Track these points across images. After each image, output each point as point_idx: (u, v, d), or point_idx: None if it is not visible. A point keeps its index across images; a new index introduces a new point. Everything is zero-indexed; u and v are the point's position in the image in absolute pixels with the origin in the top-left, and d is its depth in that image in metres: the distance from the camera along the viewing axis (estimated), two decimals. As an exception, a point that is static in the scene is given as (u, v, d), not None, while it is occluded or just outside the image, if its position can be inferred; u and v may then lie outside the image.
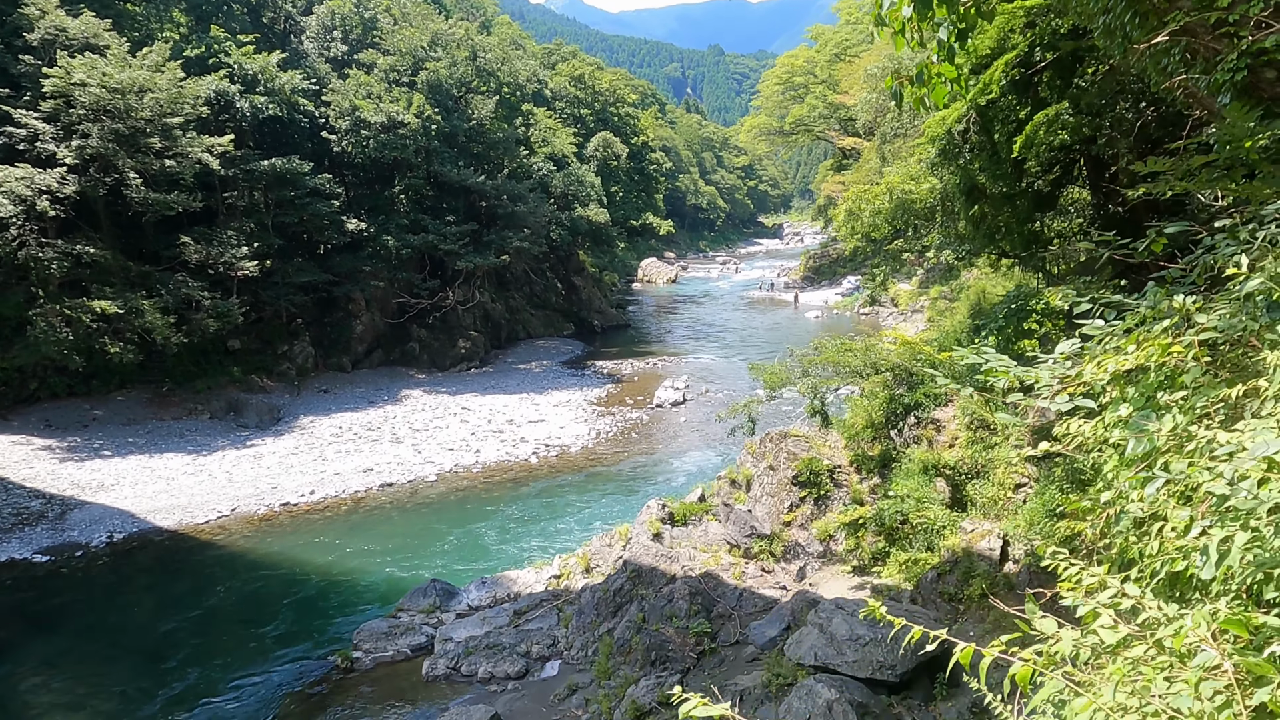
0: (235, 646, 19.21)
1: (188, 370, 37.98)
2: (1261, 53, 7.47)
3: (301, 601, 21.47)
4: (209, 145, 35.85)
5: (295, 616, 20.73)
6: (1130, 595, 2.30)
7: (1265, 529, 2.13)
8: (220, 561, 23.73)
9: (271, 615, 20.72)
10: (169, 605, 21.30)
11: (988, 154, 18.38)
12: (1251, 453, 2.35)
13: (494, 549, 24.39)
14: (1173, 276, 4.26)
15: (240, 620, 20.55)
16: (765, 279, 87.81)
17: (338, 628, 20.07)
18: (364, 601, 21.42)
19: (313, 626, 20.27)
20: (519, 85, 50.45)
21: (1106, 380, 3.34)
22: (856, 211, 27.28)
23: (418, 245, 44.20)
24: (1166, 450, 2.97)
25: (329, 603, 21.45)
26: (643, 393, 42.03)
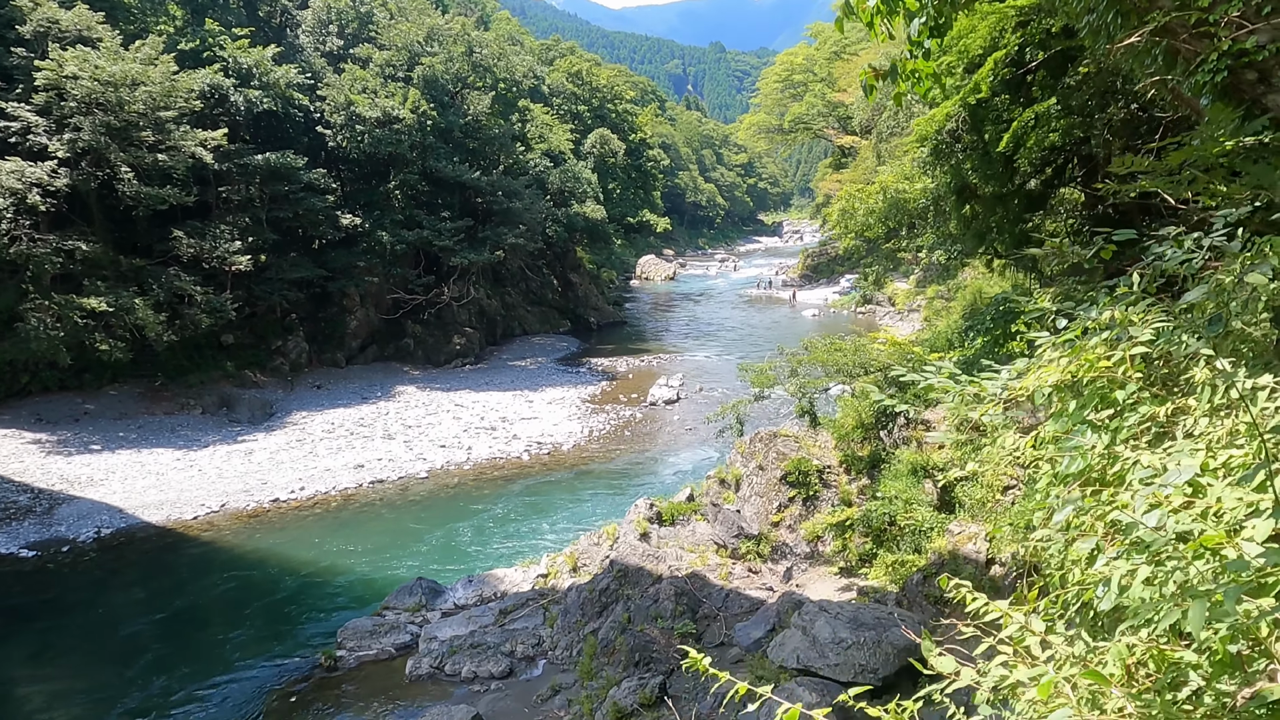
0: (220, 643, 19.11)
1: (181, 365, 37.86)
2: (1242, 54, 7.35)
3: (288, 598, 21.38)
4: (202, 139, 35.72)
5: (281, 614, 20.63)
6: (1034, 631, 2.20)
7: (1171, 561, 2.02)
8: (207, 558, 23.63)
9: (257, 612, 20.63)
10: (155, 601, 21.21)
11: (979, 154, 18.26)
12: (1166, 479, 2.23)
13: (482, 547, 24.30)
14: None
15: (226, 617, 20.46)
16: (763, 277, 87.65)
17: (323, 625, 19.98)
18: (350, 599, 21.32)
19: (298, 624, 20.18)
20: (515, 81, 50.26)
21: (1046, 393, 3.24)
22: (850, 210, 27.20)
23: (412, 241, 44.07)
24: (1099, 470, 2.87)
25: (315, 600, 21.35)
26: (637, 390, 41.92)
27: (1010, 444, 3.44)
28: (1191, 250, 3.49)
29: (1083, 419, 2.95)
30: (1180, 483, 2.20)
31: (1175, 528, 2.08)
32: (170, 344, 35.61)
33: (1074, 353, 3.22)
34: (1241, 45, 7.43)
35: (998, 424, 14.66)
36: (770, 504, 20.72)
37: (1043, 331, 4.14)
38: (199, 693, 17.08)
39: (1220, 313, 3.06)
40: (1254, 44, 7.44)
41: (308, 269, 41.99)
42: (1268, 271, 2.93)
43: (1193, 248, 3.53)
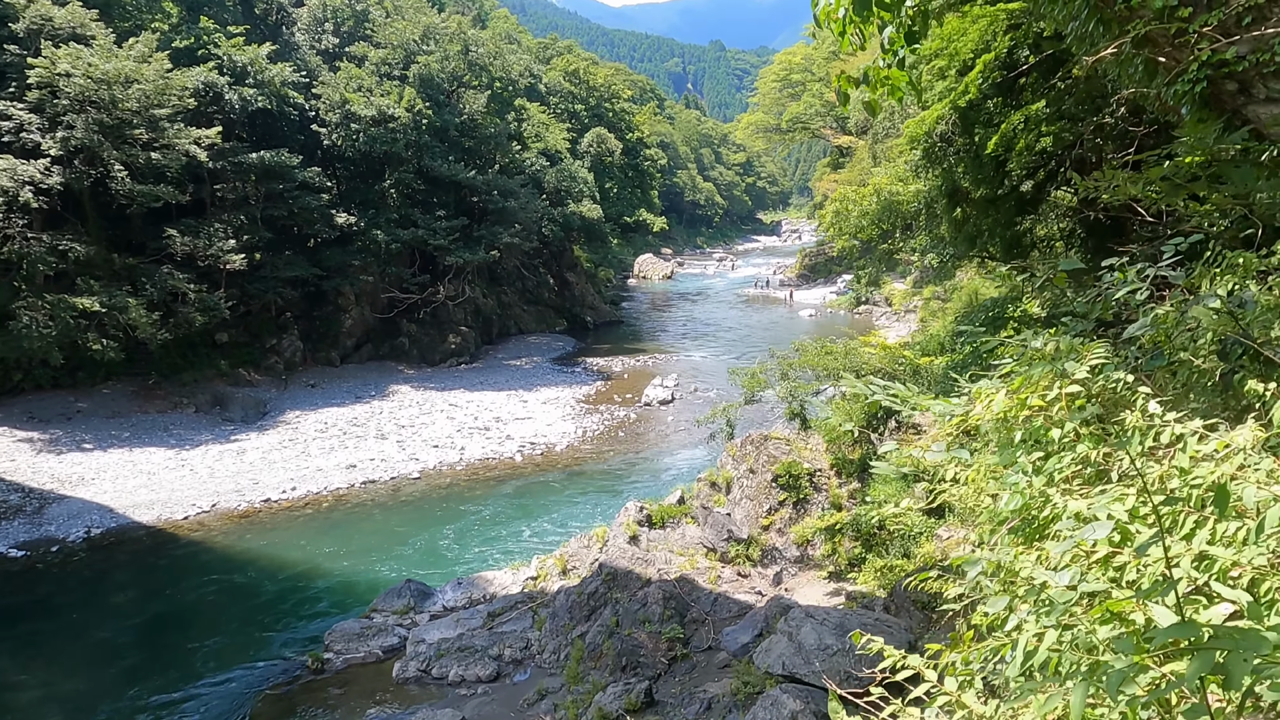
0: (208, 645, 19.03)
1: (174, 363, 37.77)
2: (1222, 64, 7.29)
3: (276, 600, 21.31)
4: (196, 137, 35.63)
5: (270, 616, 20.57)
6: (947, 692, 2.13)
7: (1082, 622, 1.96)
8: (197, 558, 23.57)
9: (246, 614, 20.56)
10: (143, 602, 21.15)
11: (970, 157, 18.19)
12: (1085, 533, 2.16)
13: (473, 549, 24.23)
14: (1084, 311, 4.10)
15: (214, 619, 20.39)
16: (761, 277, 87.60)
17: (311, 627, 19.91)
18: (339, 601, 21.25)
19: (287, 626, 20.12)
20: (511, 80, 50.14)
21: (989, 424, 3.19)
22: (844, 212, 27.13)
23: (407, 240, 43.99)
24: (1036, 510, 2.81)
25: (304, 602, 21.29)
26: (632, 390, 41.85)
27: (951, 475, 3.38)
28: (1136, 281, 3.43)
29: (1014, 460, 2.90)
30: (1100, 537, 2.13)
31: (1086, 587, 2.01)
32: (164, 342, 35.52)
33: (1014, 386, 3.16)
34: (1221, 56, 7.37)
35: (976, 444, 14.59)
36: (760, 507, 20.64)
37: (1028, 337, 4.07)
38: (184, 695, 17.01)
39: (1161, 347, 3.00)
40: (1234, 55, 7.39)
41: (302, 267, 41.91)
42: (1213, 304, 2.87)
43: (1136, 279, 3.47)
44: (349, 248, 43.36)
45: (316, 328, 44.60)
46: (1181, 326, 3.04)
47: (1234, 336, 2.90)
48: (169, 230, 36.00)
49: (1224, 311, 3.00)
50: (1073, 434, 3.06)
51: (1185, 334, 3.01)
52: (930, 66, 18.40)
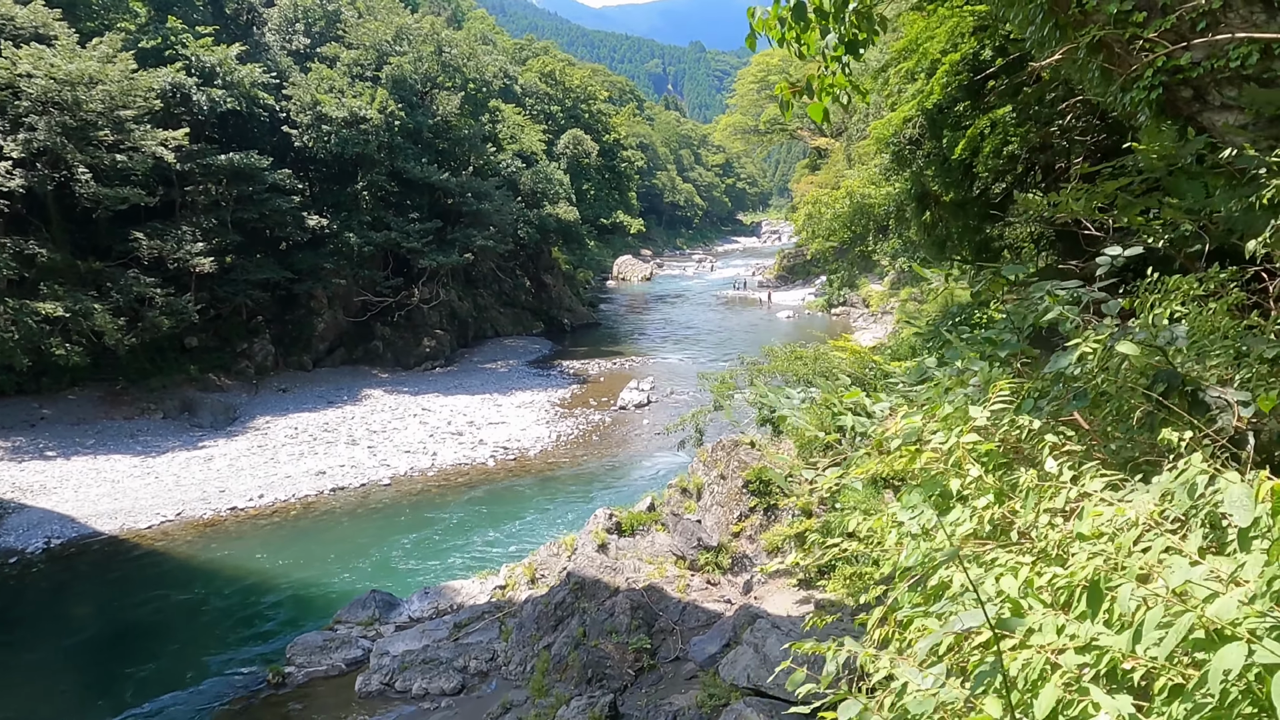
0: (166, 660, 18.63)
1: (142, 368, 37.15)
2: (1177, 70, 7.12)
3: (239, 611, 20.91)
4: (163, 139, 35.06)
5: (231, 628, 20.17)
6: None
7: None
8: (159, 569, 23.11)
9: (206, 627, 20.16)
10: (101, 615, 20.69)
11: (939, 160, 18.08)
12: (953, 625, 1.96)
13: (442, 556, 23.91)
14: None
15: (173, 632, 19.96)
16: (739, 278, 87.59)
17: (274, 640, 19.52)
18: (304, 612, 20.87)
19: (249, 638, 19.73)
20: (485, 81, 49.77)
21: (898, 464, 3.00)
22: (816, 215, 27.04)
23: (380, 243, 43.56)
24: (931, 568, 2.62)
25: (267, 613, 20.90)
26: (607, 394, 41.59)
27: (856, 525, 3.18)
28: (1065, 303, 3.24)
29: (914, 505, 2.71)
30: (973, 626, 1.93)
31: (946, 695, 1.79)
32: (131, 347, 34.96)
33: (934, 411, 2.97)
34: (1176, 62, 7.21)
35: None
36: (731, 514, 20.45)
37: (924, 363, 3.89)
38: (140, 713, 16.61)
39: (1085, 384, 2.80)
40: (1188, 60, 7.22)
41: (273, 270, 41.40)
42: (1140, 338, 2.69)
43: (1065, 300, 3.27)
44: (321, 250, 42.86)
45: (288, 331, 44.07)
46: (1107, 360, 2.86)
47: (1164, 372, 2.71)
48: (135, 233, 35.45)
49: (1151, 346, 2.81)
50: (974, 485, 2.88)
51: (1111, 370, 2.83)
52: (899, 69, 18.30)
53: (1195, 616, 1.68)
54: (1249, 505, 1.84)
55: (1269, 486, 1.84)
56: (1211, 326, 3.65)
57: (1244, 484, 1.88)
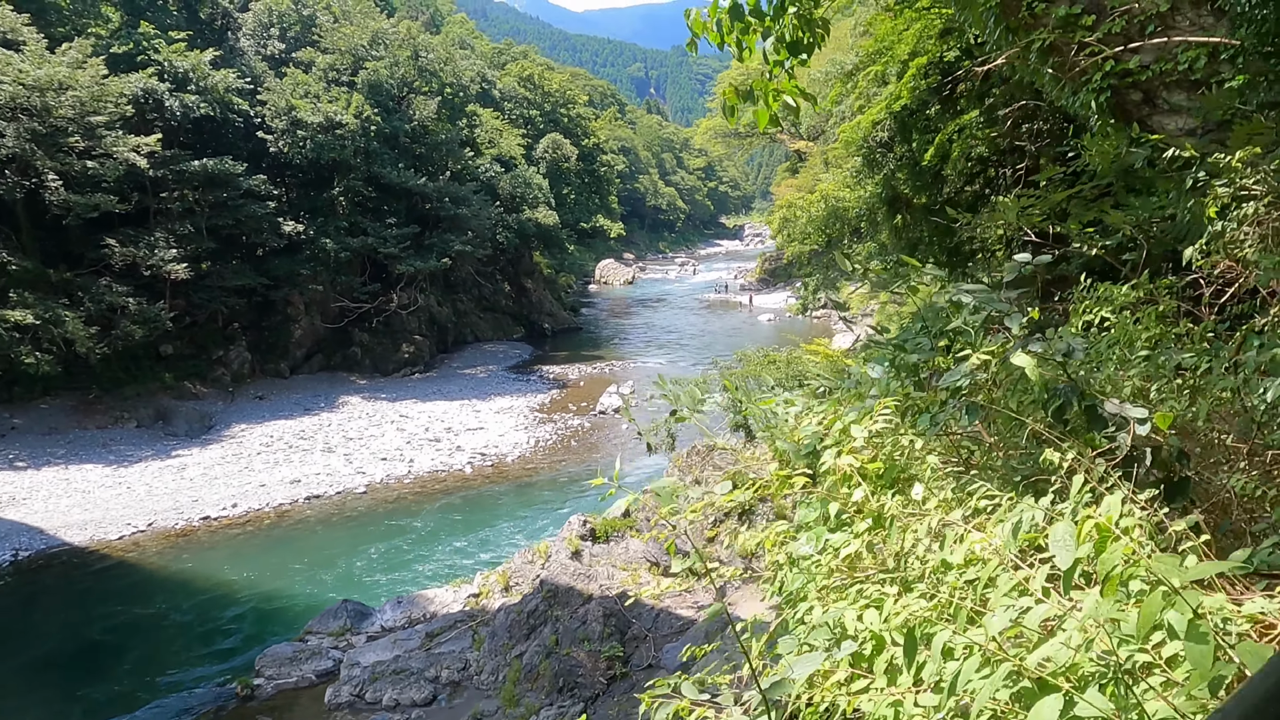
0: (133, 673, 18.37)
1: (116, 376, 36.70)
2: (1126, 74, 7.08)
3: (210, 624, 20.66)
4: (135, 145, 34.70)
5: (201, 640, 19.92)
6: None
7: None
8: (130, 580, 22.81)
9: (175, 639, 19.90)
10: (68, 629, 20.40)
11: (909, 164, 18.06)
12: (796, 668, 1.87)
13: (416, 565, 23.71)
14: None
15: (141, 645, 19.69)
16: (721, 281, 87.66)
17: (246, 652, 19.28)
18: (275, 623, 20.63)
19: (219, 650, 19.49)
20: (463, 86, 49.54)
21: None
22: (791, 219, 27.02)
23: (357, 248, 43.28)
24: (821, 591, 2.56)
25: (239, 625, 20.66)
26: (587, 399, 41.46)
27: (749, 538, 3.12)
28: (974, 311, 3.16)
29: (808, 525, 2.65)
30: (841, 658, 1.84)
31: None
32: (105, 356, 34.55)
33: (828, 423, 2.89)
34: (1125, 65, 7.17)
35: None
36: (706, 519, 20.35)
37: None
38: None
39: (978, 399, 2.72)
40: (1137, 64, 7.17)
41: (249, 277, 41.05)
42: (1036, 349, 2.61)
43: (974, 309, 3.20)
44: (297, 256, 42.53)
45: (265, 338, 43.71)
46: (1004, 374, 2.79)
47: (1062, 386, 2.64)
48: (108, 240, 35.06)
49: (1048, 359, 2.74)
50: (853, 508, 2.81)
51: (1009, 383, 2.77)
52: (867, 72, 18.28)
53: (1014, 665, 1.59)
54: (1071, 545, 1.74)
55: (1092, 525, 1.75)
56: (1130, 336, 3.58)
57: (1068, 522, 1.79)
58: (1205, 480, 2.69)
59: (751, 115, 5.82)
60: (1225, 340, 3.43)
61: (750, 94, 5.95)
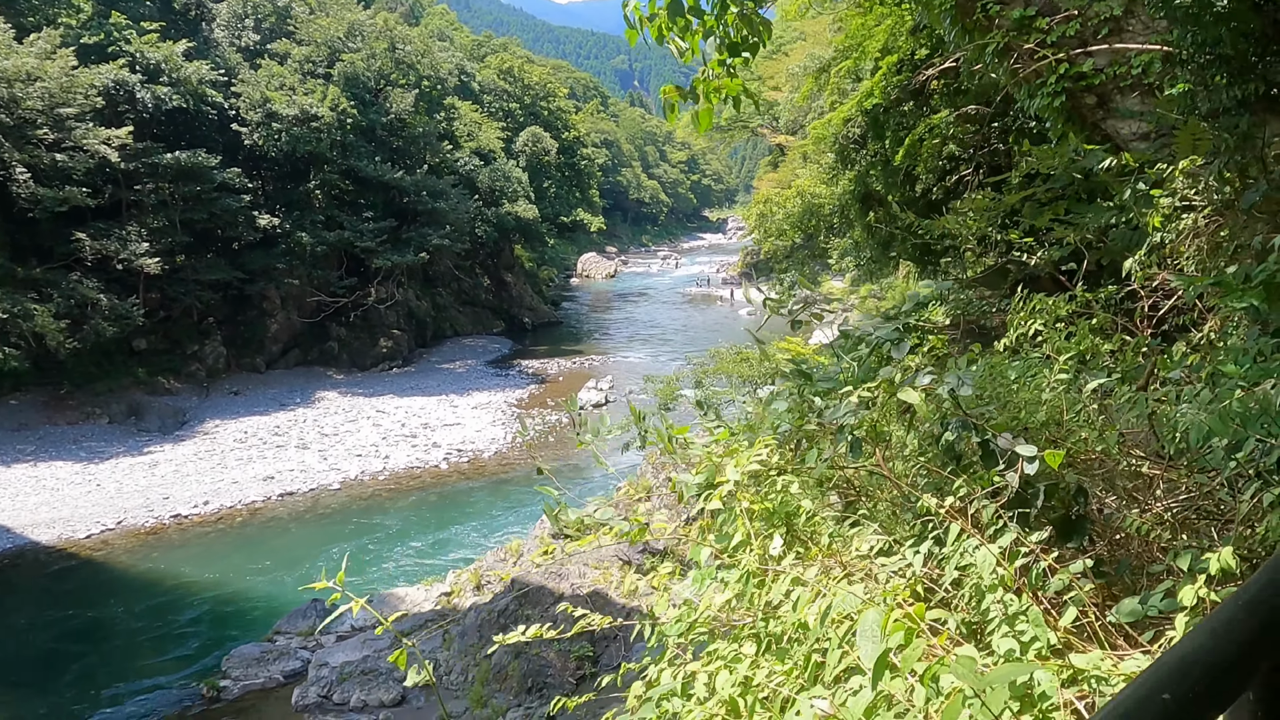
0: (98, 675, 18.13)
1: (88, 372, 36.21)
2: (1080, 77, 7.00)
3: (177, 623, 20.43)
4: (106, 137, 34.25)
5: (168, 640, 19.71)
6: None
7: None
8: (96, 580, 22.54)
9: (142, 639, 19.68)
10: (33, 630, 20.13)
11: (882, 161, 17.99)
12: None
13: (389, 563, 23.55)
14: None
15: (108, 645, 19.45)
16: (702, 275, 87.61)
17: (212, 652, 19.08)
18: (244, 622, 20.44)
19: (185, 651, 19.28)
20: (440, 79, 49.18)
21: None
22: (767, 214, 26.93)
23: (334, 242, 42.93)
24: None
25: (207, 625, 20.44)
26: (566, 393, 41.25)
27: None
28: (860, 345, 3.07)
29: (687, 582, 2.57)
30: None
31: None
32: (77, 351, 34.09)
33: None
34: (1079, 68, 7.08)
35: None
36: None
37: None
38: (68, 730, 16.16)
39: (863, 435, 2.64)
40: (1091, 67, 7.09)
41: (224, 271, 40.64)
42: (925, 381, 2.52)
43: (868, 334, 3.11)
44: (273, 250, 42.13)
45: (241, 333, 43.28)
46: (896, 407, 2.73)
47: (954, 419, 2.55)
48: (78, 235, 34.57)
49: (935, 394, 2.66)
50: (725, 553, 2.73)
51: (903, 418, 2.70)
52: (840, 68, 18.19)
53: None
54: (876, 637, 1.64)
55: (897, 617, 1.66)
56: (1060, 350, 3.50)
57: (878, 609, 1.70)
58: (1118, 512, 2.60)
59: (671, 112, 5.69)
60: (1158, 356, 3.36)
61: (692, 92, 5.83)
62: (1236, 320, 3.30)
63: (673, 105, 5.88)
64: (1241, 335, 3.19)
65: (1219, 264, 3.86)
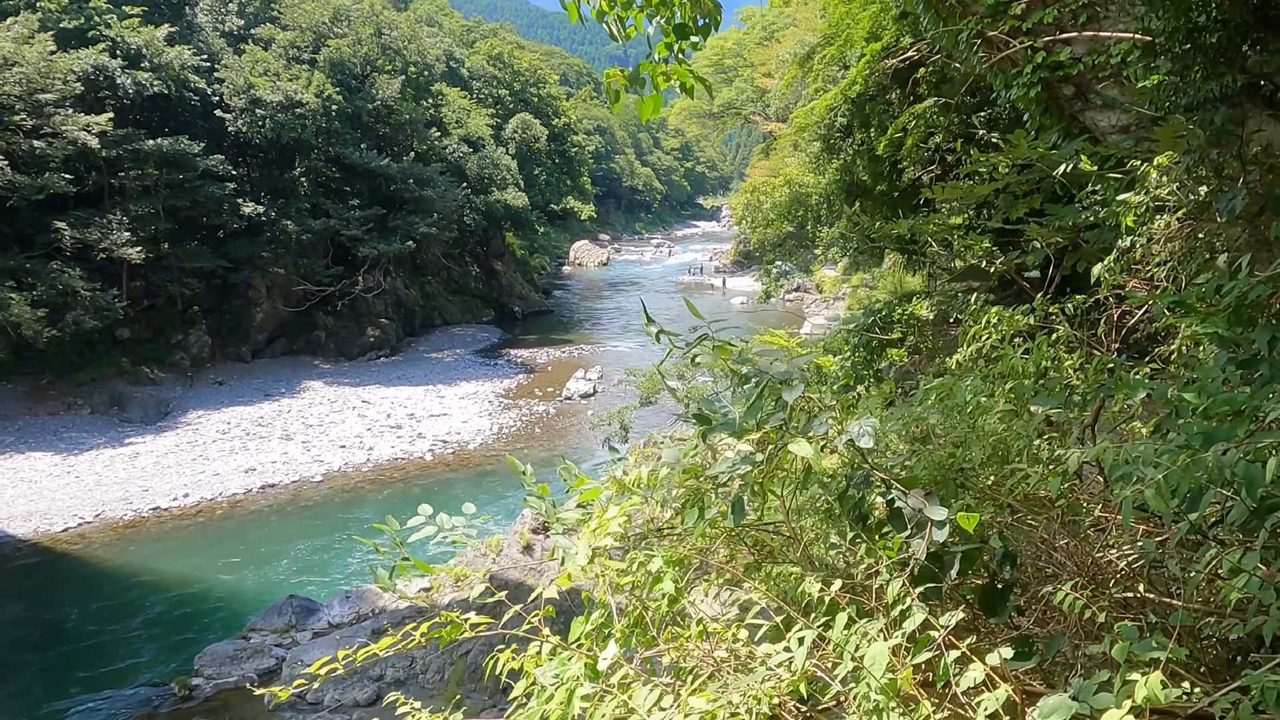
0: (66, 673, 17.83)
1: (70, 361, 35.73)
2: (1058, 66, 6.66)
3: (151, 620, 20.12)
4: (86, 124, 33.68)
5: (141, 637, 19.40)
6: None
7: None
8: (71, 575, 22.22)
9: (115, 636, 19.35)
10: (4, 626, 19.80)
11: (867, 151, 17.64)
12: None
13: (369, 558, 23.19)
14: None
15: (77, 642, 19.12)
16: (695, 263, 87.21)
17: (186, 649, 18.78)
18: (219, 619, 20.15)
19: (159, 648, 18.98)
20: (427, 65, 48.57)
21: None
22: (755, 204, 26.54)
23: (320, 230, 42.43)
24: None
25: (181, 621, 20.13)
26: (554, 383, 40.98)
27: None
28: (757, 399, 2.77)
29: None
30: None
31: None
32: (58, 340, 33.64)
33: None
34: (1056, 57, 6.74)
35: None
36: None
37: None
38: (35, 731, 15.87)
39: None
40: (1069, 56, 6.75)
41: (208, 259, 40.13)
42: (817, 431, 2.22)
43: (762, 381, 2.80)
44: (258, 238, 41.64)
45: (226, 322, 42.82)
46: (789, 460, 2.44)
47: (857, 474, 2.25)
48: (57, 223, 34.05)
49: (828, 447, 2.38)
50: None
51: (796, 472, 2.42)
52: (823, 55, 17.82)
53: None
54: None
55: None
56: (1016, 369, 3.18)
57: None
58: (1055, 576, 2.28)
59: (616, 100, 5.34)
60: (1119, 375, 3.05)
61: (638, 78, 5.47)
62: (1204, 340, 2.99)
63: (618, 92, 5.53)
64: (1209, 354, 2.88)
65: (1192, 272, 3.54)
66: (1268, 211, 3.43)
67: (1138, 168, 4.32)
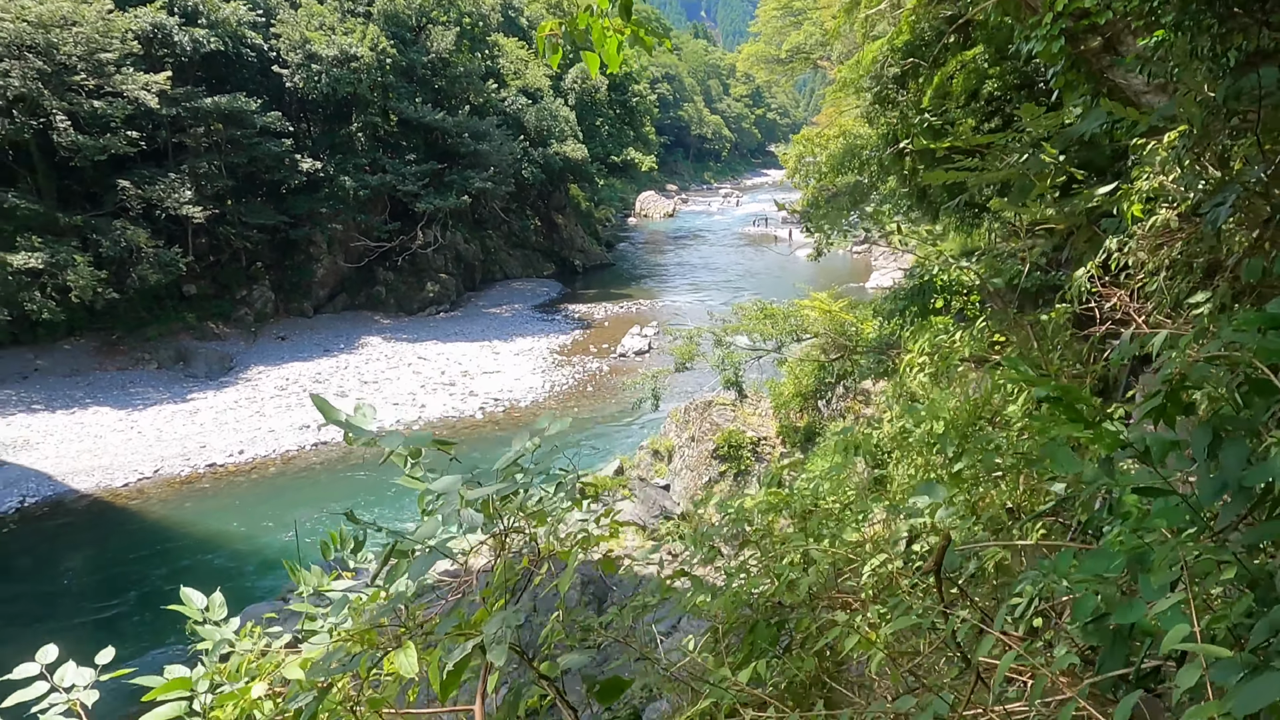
0: (112, 629, 18.28)
1: (139, 317, 36.67)
2: (1083, 14, 5.74)
3: (202, 576, 20.49)
4: (145, 83, 34.02)
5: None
6: None
7: None
8: (129, 529, 22.82)
9: (163, 592, 19.77)
10: (62, 578, 20.44)
11: (915, 104, 16.51)
12: None
13: (411, 518, 23.29)
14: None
15: (129, 597, 19.65)
16: (761, 214, 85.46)
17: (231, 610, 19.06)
18: (261, 578, 20.47)
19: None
20: (483, 15, 47.83)
21: None
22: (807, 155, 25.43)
23: (376, 186, 42.47)
24: None
25: (229, 579, 20.46)
26: (610, 340, 40.59)
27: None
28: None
29: None
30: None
31: None
32: (129, 296, 34.47)
33: None
34: (1080, 3, 5.82)
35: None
36: (699, 479, 19.53)
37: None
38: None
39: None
40: (1094, 2, 5.82)
41: (269, 215, 40.59)
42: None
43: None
44: (317, 194, 41.90)
45: (288, 278, 43.41)
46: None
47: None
48: (122, 182, 34.67)
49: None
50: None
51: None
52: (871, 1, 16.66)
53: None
54: None
55: None
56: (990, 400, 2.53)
57: None
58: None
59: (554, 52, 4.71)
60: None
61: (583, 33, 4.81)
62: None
63: (555, 45, 4.87)
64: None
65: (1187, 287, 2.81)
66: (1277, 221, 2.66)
67: (1142, 147, 3.53)
